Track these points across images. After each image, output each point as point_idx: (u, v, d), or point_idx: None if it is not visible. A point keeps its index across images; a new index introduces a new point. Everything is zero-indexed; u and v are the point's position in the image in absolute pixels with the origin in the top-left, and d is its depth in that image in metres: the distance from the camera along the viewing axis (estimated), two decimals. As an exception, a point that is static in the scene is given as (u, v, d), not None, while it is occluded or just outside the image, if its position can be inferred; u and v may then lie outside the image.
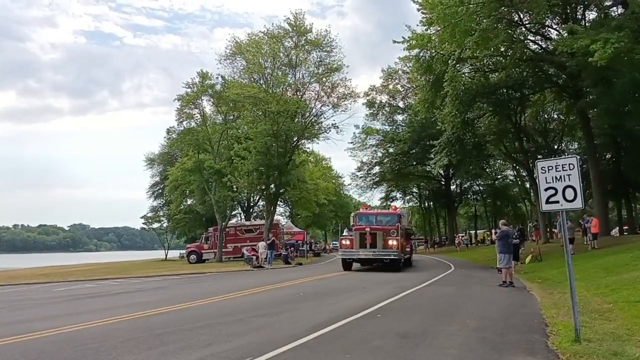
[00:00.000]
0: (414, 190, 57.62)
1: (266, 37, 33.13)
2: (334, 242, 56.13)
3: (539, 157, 30.54)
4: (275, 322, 7.82)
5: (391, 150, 46.15)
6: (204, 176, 35.90)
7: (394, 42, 25.78)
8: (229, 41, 34.55)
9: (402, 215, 22.02)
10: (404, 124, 46.51)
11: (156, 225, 52.60)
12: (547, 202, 6.40)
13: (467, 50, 22.58)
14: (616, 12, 22.05)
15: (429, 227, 61.51)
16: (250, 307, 9.89)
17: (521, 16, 24.10)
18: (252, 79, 33.17)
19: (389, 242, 18.92)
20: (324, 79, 33.86)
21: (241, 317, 8.38)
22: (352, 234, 20.11)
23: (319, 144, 70.79)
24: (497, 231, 14.73)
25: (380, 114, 47.94)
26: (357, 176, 49.58)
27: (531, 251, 20.42)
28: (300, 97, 34.15)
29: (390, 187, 51.88)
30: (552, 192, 6.34)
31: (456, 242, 43.07)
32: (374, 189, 50.26)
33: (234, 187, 35.69)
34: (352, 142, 47.99)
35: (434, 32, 24.37)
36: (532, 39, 26.41)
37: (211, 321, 8.07)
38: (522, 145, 31.98)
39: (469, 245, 45.69)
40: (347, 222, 28.48)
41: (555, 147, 35.19)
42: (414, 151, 43.07)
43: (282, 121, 31.73)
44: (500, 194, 53.30)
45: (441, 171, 46.37)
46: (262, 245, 26.71)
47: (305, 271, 21.96)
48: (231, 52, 33.58)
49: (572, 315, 6.07)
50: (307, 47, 33.00)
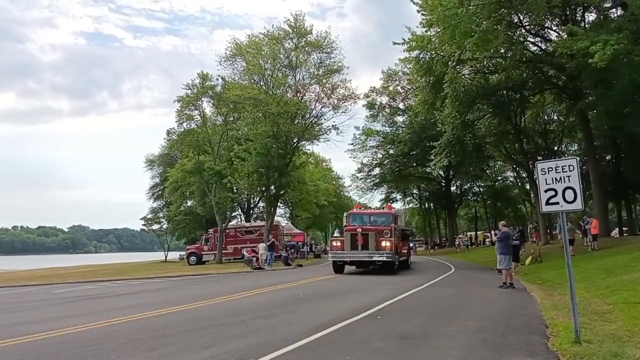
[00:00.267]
0: (414, 191, 57.61)
1: (266, 39, 33.20)
2: None
3: (539, 158, 30.54)
4: (275, 324, 7.82)
5: (391, 151, 46.16)
6: (204, 177, 35.90)
7: (394, 43, 25.89)
8: (229, 42, 34.60)
9: (397, 215, 21.11)
10: (404, 126, 46.51)
11: (156, 226, 52.63)
12: (547, 203, 6.40)
13: (467, 51, 22.58)
14: (615, 14, 22.07)
15: (429, 228, 61.52)
16: (250, 308, 9.88)
17: (521, 18, 24.14)
18: (252, 81, 33.20)
19: (382, 244, 17.94)
20: (324, 81, 33.91)
21: (241, 319, 8.38)
22: (343, 235, 19.21)
23: (318, 146, 70.76)
24: (496, 232, 14.72)
25: (380, 115, 47.96)
26: (358, 178, 49.59)
27: (531, 252, 20.39)
28: (300, 98, 34.20)
29: (390, 188, 51.83)
30: (552, 193, 6.33)
31: (456, 243, 43.06)
32: (374, 191, 50.27)
33: (234, 188, 35.67)
34: (352, 144, 48.07)
35: (433, 33, 24.43)
36: (532, 40, 26.44)
37: (211, 323, 8.06)
38: (522, 146, 31.98)
39: (469, 246, 45.66)
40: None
41: (555, 148, 35.20)
42: (414, 152, 43.08)
43: (282, 122, 31.76)
44: (500, 195, 53.29)
45: (441, 172, 46.39)
46: (262, 246, 26.69)
47: (305, 273, 21.94)
48: (231, 53, 33.63)
49: (572, 316, 6.07)
50: (307, 49, 33.05)
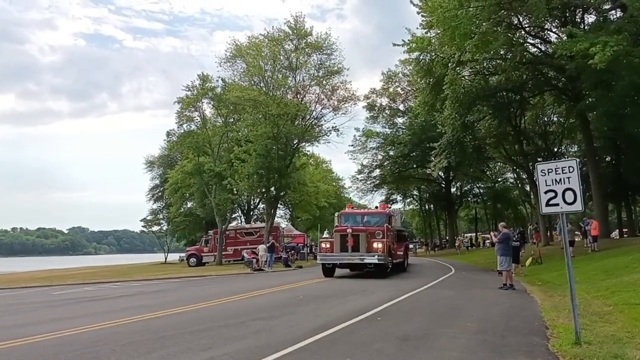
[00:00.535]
0: (415, 193, 57.60)
1: (266, 40, 33.23)
2: None
3: (538, 159, 30.58)
4: (275, 326, 7.81)
5: (391, 153, 46.14)
6: (204, 179, 35.91)
7: (394, 45, 25.88)
8: (229, 44, 34.61)
9: (391, 215, 20.14)
10: (404, 127, 46.49)
11: (156, 228, 52.68)
12: (547, 204, 6.41)
13: (467, 53, 22.59)
14: (615, 16, 22.08)
15: (429, 229, 61.52)
16: (250, 310, 9.87)
17: (521, 19, 24.17)
18: (252, 82, 33.23)
19: (374, 245, 16.96)
20: (324, 82, 33.94)
21: (241, 321, 8.37)
22: (333, 236, 18.23)
23: (318, 147, 70.71)
24: (496, 233, 14.73)
25: (380, 116, 47.96)
26: (358, 179, 49.56)
27: (531, 254, 20.38)
28: (300, 99, 34.23)
29: (390, 190, 51.86)
30: (552, 194, 6.34)
31: (456, 244, 43.04)
32: (374, 192, 50.29)
33: (234, 189, 35.65)
34: (352, 145, 47.99)
35: (433, 35, 24.44)
36: (532, 42, 26.48)
37: (211, 324, 8.06)
38: (522, 147, 31.98)
39: (470, 247, 45.64)
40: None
41: (555, 149, 35.20)
42: (414, 154, 43.05)
43: (283, 124, 31.77)
44: (500, 196, 53.29)
45: (441, 174, 46.37)
46: (262, 248, 26.66)
47: (305, 274, 21.91)
48: (231, 54, 33.67)
49: (572, 317, 6.07)
50: (307, 50, 33.08)
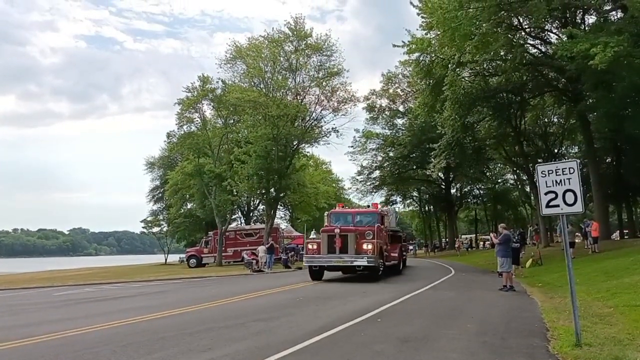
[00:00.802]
0: (414, 194, 57.57)
1: (266, 42, 33.27)
2: None
3: (539, 160, 30.61)
4: (275, 327, 7.80)
5: (391, 154, 46.13)
6: (204, 180, 35.92)
7: (394, 46, 25.96)
8: (229, 45, 34.64)
9: (384, 214, 19.16)
10: (404, 128, 46.50)
11: (156, 229, 52.71)
12: (548, 206, 6.40)
13: (467, 54, 22.60)
14: (615, 17, 22.10)
15: (429, 231, 61.48)
16: (250, 311, 9.86)
17: (521, 20, 24.17)
18: (253, 83, 33.26)
19: (363, 246, 15.99)
20: (324, 83, 33.95)
21: (241, 322, 8.37)
22: (320, 237, 17.13)
23: (318, 148, 70.70)
24: (495, 235, 14.73)
25: (380, 117, 47.94)
26: (357, 180, 49.55)
27: (532, 255, 20.35)
28: (300, 101, 34.24)
29: (390, 191, 51.85)
30: (553, 196, 6.33)
31: (456, 245, 43.02)
32: (374, 193, 50.26)
33: (234, 191, 35.67)
34: (352, 146, 48.02)
35: (433, 36, 24.47)
36: (532, 43, 26.49)
37: (211, 325, 8.05)
38: (522, 149, 31.98)
39: (469, 249, 45.60)
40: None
41: (555, 150, 35.21)
42: (414, 155, 43.05)
43: (282, 125, 31.79)
44: (500, 197, 53.28)
45: (441, 175, 46.38)
46: (262, 249, 26.65)
47: (305, 275, 21.76)
48: (231, 56, 33.70)
49: (572, 319, 6.06)
50: (307, 52, 33.12)
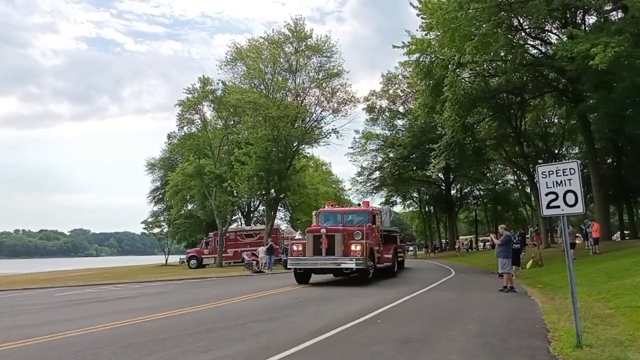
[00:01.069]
0: (415, 195, 57.55)
1: (266, 43, 33.32)
2: None
3: (539, 161, 30.58)
4: (275, 328, 7.80)
5: (391, 155, 46.14)
6: (204, 181, 35.94)
7: (394, 47, 25.89)
8: (230, 47, 34.72)
9: (376, 213, 18.14)
10: (404, 129, 46.50)
11: (157, 230, 52.72)
12: (548, 207, 6.38)
13: (467, 55, 22.61)
14: (616, 17, 22.10)
15: (429, 232, 61.45)
16: (250, 312, 9.86)
17: (521, 21, 24.17)
18: (253, 85, 33.31)
19: (351, 247, 15.01)
20: (324, 84, 34.02)
21: (242, 322, 8.37)
22: (305, 237, 16.22)
23: (318, 148, 70.57)
24: (495, 236, 14.73)
25: (380, 118, 47.94)
26: (357, 181, 49.58)
27: (532, 256, 20.34)
28: (300, 102, 34.28)
29: (390, 192, 51.85)
30: (553, 196, 6.32)
31: (456, 246, 43.00)
32: (374, 194, 50.26)
33: (234, 192, 35.70)
34: (352, 147, 47.97)
35: (433, 37, 24.45)
36: (532, 43, 26.46)
37: (212, 326, 8.06)
38: (523, 149, 31.97)
39: (470, 250, 45.58)
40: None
41: (555, 151, 35.19)
42: (414, 156, 43.06)
43: (283, 126, 31.82)
44: (500, 198, 53.22)
45: (441, 175, 46.37)
46: (262, 250, 26.67)
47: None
48: (232, 57, 33.77)
49: (573, 320, 6.05)
50: (307, 53, 33.16)
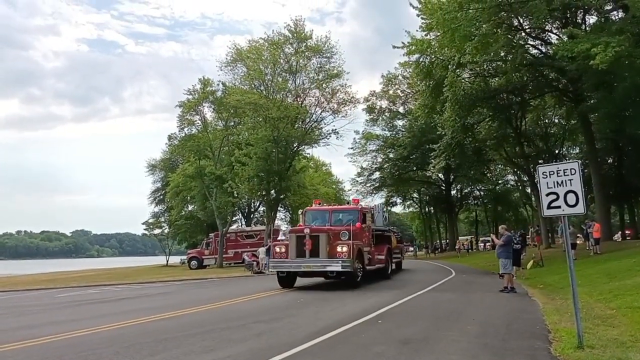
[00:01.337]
0: (415, 195, 57.52)
1: (266, 44, 33.36)
2: None
3: (540, 161, 30.57)
4: (276, 328, 7.81)
5: (391, 155, 46.11)
6: (204, 182, 35.99)
7: (394, 47, 25.89)
8: (230, 48, 34.83)
9: (366, 211, 16.93)
10: (404, 129, 46.46)
11: (157, 231, 52.85)
12: (549, 207, 6.37)
13: (467, 55, 22.59)
14: (616, 17, 22.09)
15: (429, 232, 61.43)
16: (251, 312, 9.88)
17: (521, 21, 24.17)
18: (253, 86, 33.35)
19: (337, 249, 14.02)
20: (324, 85, 34.04)
21: (243, 323, 8.38)
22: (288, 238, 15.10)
23: (318, 149, 70.65)
24: (496, 236, 14.72)
25: (380, 119, 47.88)
26: (357, 182, 49.47)
27: (533, 256, 20.32)
28: (300, 103, 34.31)
29: (390, 192, 51.84)
30: (554, 197, 6.31)
31: (457, 247, 42.97)
32: (374, 195, 50.23)
33: (235, 193, 35.72)
34: (352, 148, 47.89)
35: (433, 37, 24.46)
36: (532, 43, 26.45)
37: (213, 327, 8.07)
38: (523, 150, 31.95)
39: (470, 250, 45.55)
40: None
41: (556, 151, 35.18)
42: (414, 156, 43.03)
43: (283, 127, 31.83)
44: (501, 199, 53.18)
45: (441, 176, 46.35)
46: (262, 250, 26.64)
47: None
48: (232, 58, 33.85)
49: (574, 321, 6.04)
50: (307, 54, 33.19)
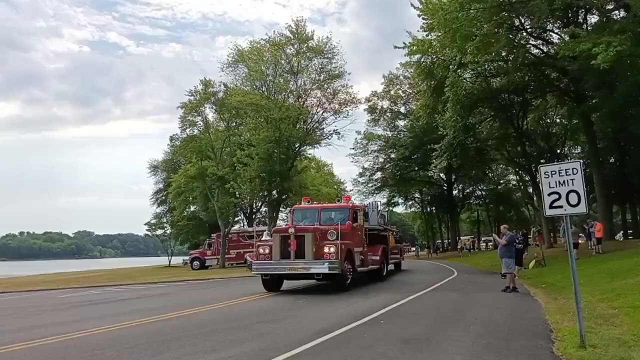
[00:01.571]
0: (416, 195, 57.49)
1: (268, 45, 33.42)
2: None
3: (541, 161, 30.53)
4: (278, 328, 7.83)
5: (393, 155, 46.12)
6: (206, 183, 36.03)
7: (395, 47, 25.96)
8: (231, 49, 34.94)
9: (357, 209, 15.78)
10: (405, 130, 46.51)
11: (160, 231, 52.94)
12: (551, 207, 6.37)
13: (468, 55, 22.62)
14: (618, 16, 22.06)
15: (431, 232, 61.38)
16: (253, 313, 9.90)
17: (522, 21, 24.17)
18: (254, 86, 33.40)
19: (324, 249, 13.08)
20: (326, 86, 34.11)
21: (245, 323, 8.40)
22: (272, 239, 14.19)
23: (319, 149, 70.72)
24: (499, 235, 14.70)
25: (381, 119, 47.93)
26: (359, 182, 49.62)
27: (535, 256, 20.30)
28: (302, 103, 34.35)
29: (392, 192, 51.85)
30: (556, 196, 6.30)
31: (459, 247, 42.94)
32: (375, 195, 50.26)
33: (237, 193, 35.75)
34: (353, 148, 48.03)
35: (434, 37, 24.49)
36: (534, 43, 26.45)
37: (216, 327, 8.09)
38: (525, 149, 31.92)
39: (472, 250, 45.49)
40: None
41: (558, 151, 35.13)
42: (415, 156, 43.03)
43: (284, 128, 31.86)
44: (503, 198, 53.07)
45: (443, 176, 46.35)
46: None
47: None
48: (233, 59, 33.94)
49: (577, 320, 6.04)
50: (308, 54, 33.24)
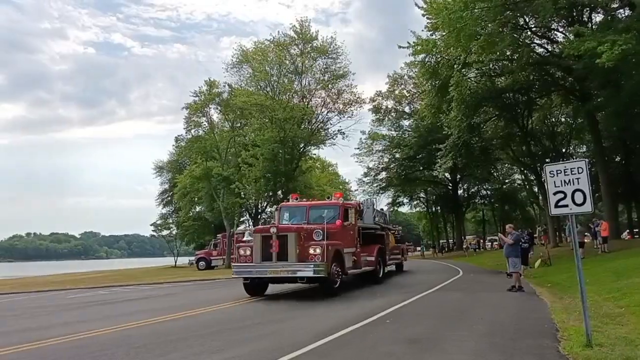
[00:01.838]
0: (421, 195, 57.41)
1: (272, 45, 33.53)
2: None
3: (546, 160, 30.41)
4: (284, 328, 7.87)
5: (397, 155, 46.05)
6: (212, 183, 36.15)
7: (400, 47, 25.95)
8: (236, 49, 35.09)
9: (349, 207, 14.72)
10: (410, 129, 46.41)
11: (166, 232, 53.12)
12: (556, 206, 6.37)
13: (473, 54, 22.58)
14: (623, 15, 21.95)
15: (436, 232, 61.25)
16: (260, 313, 9.95)
17: (527, 20, 24.10)
18: (259, 87, 33.53)
19: (309, 251, 12.00)
20: (330, 86, 34.18)
21: (251, 323, 8.45)
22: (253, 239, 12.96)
23: (324, 149, 70.72)
24: (504, 235, 14.69)
25: (386, 119, 47.82)
26: (364, 182, 49.60)
27: (540, 255, 20.23)
28: (306, 103, 34.43)
29: (397, 192, 51.80)
30: (561, 196, 6.31)
31: (464, 246, 42.82)
32: (380, 195, 50.26)
33: (242, 193, 35.88)
34: (358, 148, 47.95)
35: (439, 37, 24.45)
36: (538, 42, 26.37)
37: (222, 327, 8.14)
38: (530, 149, 31.82)
39: (477, 249, 45.35)
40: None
41: (563, 150, 35.00)
42: (420, 156, 42.95)
43: (289, 128, 31.95)
44: (508, 198, 52.92)
45: (448, 175, 46.21)
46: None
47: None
48: (238, 60, 34.07)
49: (583, 319, 6.04)
50: (312, 54, 33.33)
